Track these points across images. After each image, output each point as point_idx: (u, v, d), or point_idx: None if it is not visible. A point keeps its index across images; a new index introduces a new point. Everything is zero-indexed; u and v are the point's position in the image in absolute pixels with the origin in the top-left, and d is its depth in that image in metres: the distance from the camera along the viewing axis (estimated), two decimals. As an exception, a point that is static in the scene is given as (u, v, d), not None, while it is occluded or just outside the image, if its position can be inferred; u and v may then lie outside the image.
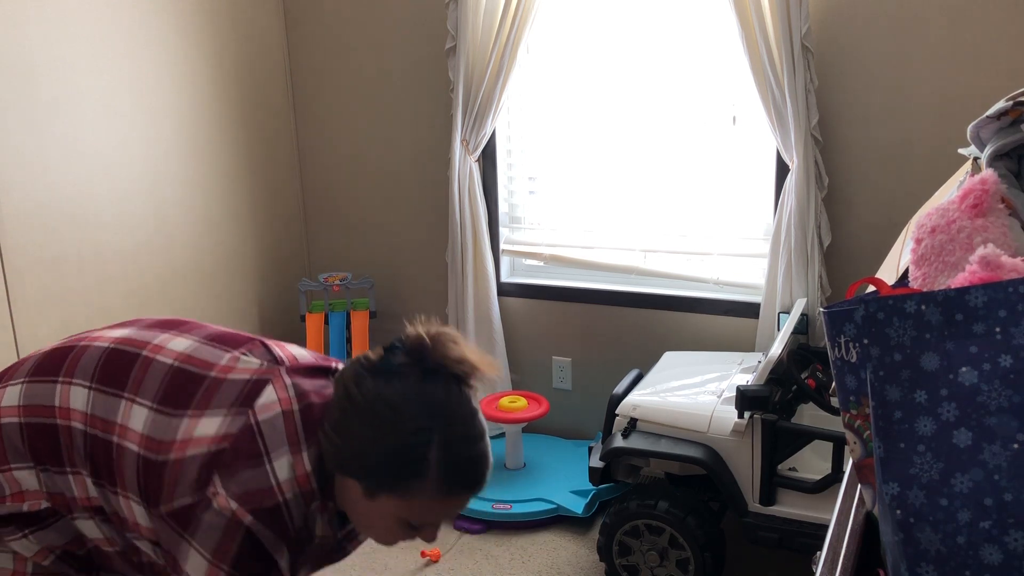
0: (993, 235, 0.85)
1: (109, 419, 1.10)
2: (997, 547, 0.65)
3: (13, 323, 2.35)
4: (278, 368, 1.14)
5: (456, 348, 1.08)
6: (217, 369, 1.13)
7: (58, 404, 1.12)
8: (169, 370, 1.13)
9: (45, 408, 1.12)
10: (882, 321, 0.72)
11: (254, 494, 1.04)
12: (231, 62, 3.11)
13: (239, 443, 1.05)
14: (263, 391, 1.09)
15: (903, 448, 0.70)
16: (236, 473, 1.04)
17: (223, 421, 1.07)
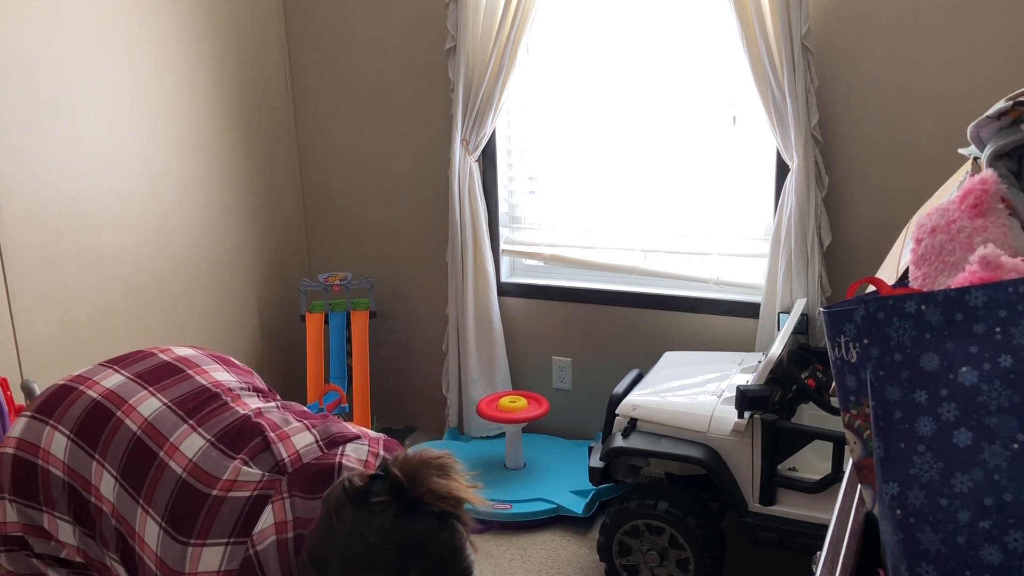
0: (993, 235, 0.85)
1: (130, 523, 1.16)
2: (997, 547, 0.65)
3: (13, 323, 2.35)
4: (279, 481, 1.15)
5: (440, 483, 1.01)
6: (219, 486, 1.15)
7: (93, 483, 1.19)
8: (178, 482, 1.16)
9: (84, 480, 1.19)
10: (882, 321, 0.72)
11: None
12: (231, 62, 3.11)
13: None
14: (262, 513, 1.12)
15: (903, 448, 0.70)
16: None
17: (223, 553, 1.10)
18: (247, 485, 1.15)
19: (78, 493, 1.19)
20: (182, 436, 1.22)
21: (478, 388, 3.21)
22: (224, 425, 1.24)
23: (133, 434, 1.21)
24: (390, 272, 3.43)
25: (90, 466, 1.19)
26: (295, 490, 1.14)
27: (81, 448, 1.20)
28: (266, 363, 3.35)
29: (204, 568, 1.10)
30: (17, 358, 2.37)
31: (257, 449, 1.19)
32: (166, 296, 2.88)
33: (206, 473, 1.17)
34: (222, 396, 1.28)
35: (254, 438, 1.21)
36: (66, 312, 2.52)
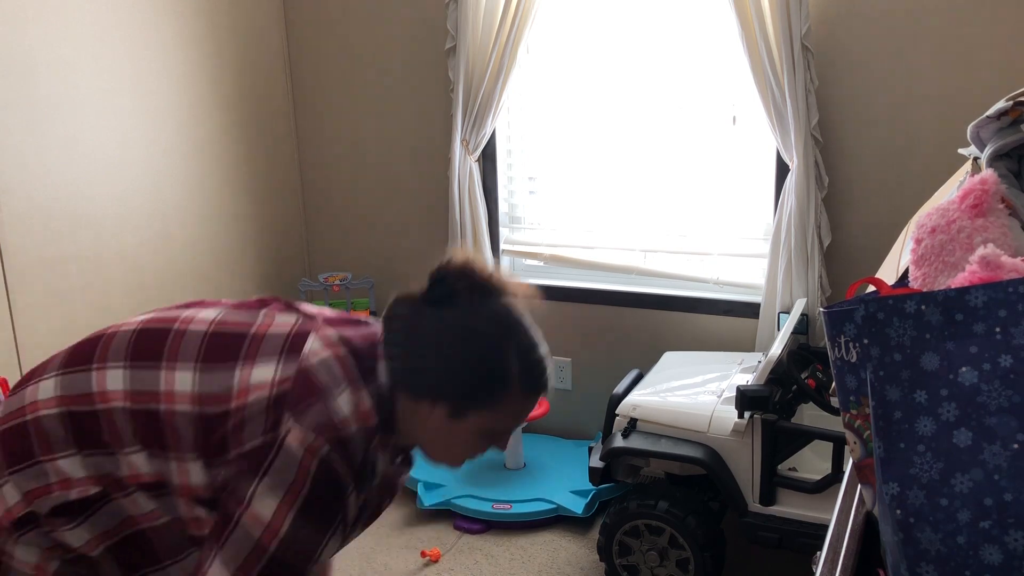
0: (993, 235, 0.85)
1: (151, 390, 1.12)
2: (997, 547, 0.65)
3: (13, 323, 2.35)
4: (313, 321, 1.17)
5: (492, 268, 1.17)
6: (255, 327, 1.16)
7: (96, 390, 1.13)
8: (204, 335, 1.15)
9: (83, 396, 1.13)
10: (882, 321, 0.72)
11: (324, 427, 1.05)
12: (231, 62, 3.11)
13: (299, 384, 1.08)
14: (306, 341, 1.12)
15: (903, 448, 0.70)
16: (304, 410, 1.06)
17: (277, 366, 1.10)
18: (284, 324, 1.16)
19: (77, 414, 1.13)
20: (194, 312, 1.20)
21: (478, 388, 3.20)
22: (238, 301, 1.24)
23: (132, 331, 1.18)
24: (390, 272, 3.43)
25: (89, 378, 1.14)
26: (329, 324, 1.17)
27: (74, 372, 1.16)
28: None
29: (257, 379, 1.08)
30: (17, 358, 2.37)
31: (281, 307, 1.21)
32: (166, 296, 2.88)
33: (237, 322, 1.17)
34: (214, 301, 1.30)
35: (275, 301, 1.23)
36: (66, 312, 2.51)
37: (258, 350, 1.12)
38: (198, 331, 1.16)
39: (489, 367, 1.13)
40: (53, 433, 1.13)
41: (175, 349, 1.14)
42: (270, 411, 1.06)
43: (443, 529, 2.74)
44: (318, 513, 1.06)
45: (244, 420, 1.07)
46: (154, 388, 1.12)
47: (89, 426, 1.13)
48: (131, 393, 1.12)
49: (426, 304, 1.15)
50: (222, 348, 1.13)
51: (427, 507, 2.78)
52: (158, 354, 1.14)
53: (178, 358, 1.13)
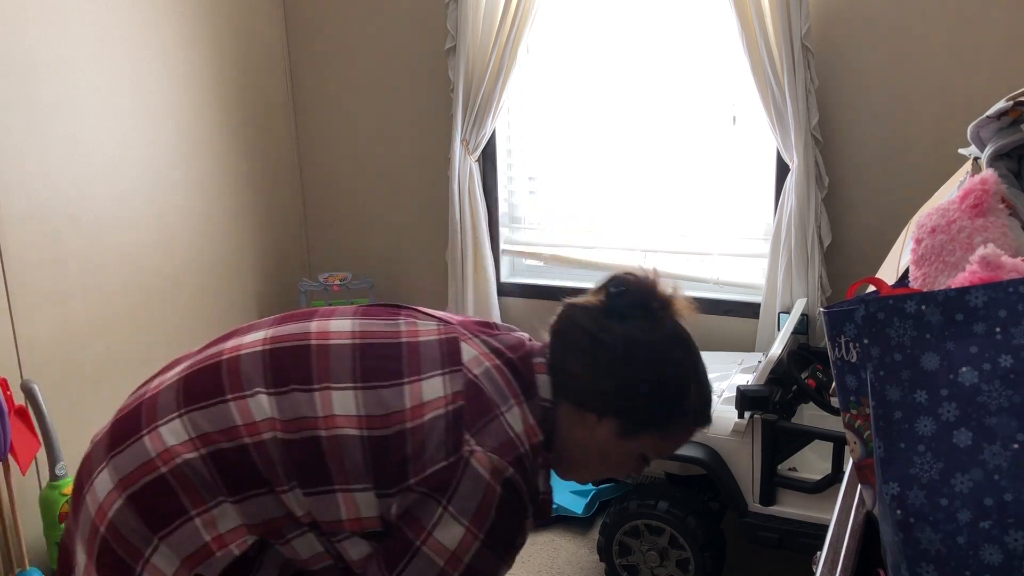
0: (993, 235, 0.85)
1: (307, 416, 1.02)
2: (997, 547, 0.65)
3: (13, 323, 2.35)
4: (454, 327, 1.12)
5: (670, 287, 1.15)
6: (404, 336, 1.09)
7: (240, 422, 1.02)
8: (353, 349, 1.06)
9: (226, 431, 1.02)
10: (882, 321, 0.72)
11: (504, 447, 1.01)
12: (231, 62, 3.11)
13: (472, 399, 1.03)
14: (461, 350, 1.07)
15: (903, 448, 0.70)
16: (482, 428, 1.01)
17: (444, 380, 1.04)
18: (430, 332, 1.10)
19: (222, 453, 1.01)
20: (320, 324, 1.11)
21: (478, 388, 3.20)
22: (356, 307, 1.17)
23: (260, 353, 1.07)
24: (390, 272, 3.43)
25: (229, 411, 1.02)
26: (471, 330, 1.13)
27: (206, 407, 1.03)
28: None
29: (429, 396, 1.02)
30: (17, 358, 2.37)
31: (412, 312, 1.15)
32: (166, 296, 2.88)
33: (381, 331, 1.09)
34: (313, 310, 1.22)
35: (401, 307, 1.17)
36: (66, 312, 2.51)
37: (419, 362, 1.05)
38: (343, 344, 1.07)
39: (674, 391, 1.11)
40: (199, 480, 1.00)
41: (324, 368, 1.05)
42: (449, 431, 1.00)
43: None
44: (502, 539, 1.02)
45: (424, 441, 1.00)
46: (310, 413, 1.02)
47: (239, 465, 1.01)
48: (282, 422, 1.02)
49: (607, 316, 1.11)
50: (380, 362, 1.05)
51: (427, 507, 2.77)
52: (306, 375, 1.04)
53: (331, 377, 1.04)
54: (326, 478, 1.01)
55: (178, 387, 1.08)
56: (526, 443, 1.04)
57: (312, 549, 1.05)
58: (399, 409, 1.02)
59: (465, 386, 1.03)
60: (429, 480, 0.99)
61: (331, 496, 1.01)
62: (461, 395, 1.03)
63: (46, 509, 2.32)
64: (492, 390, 1.05)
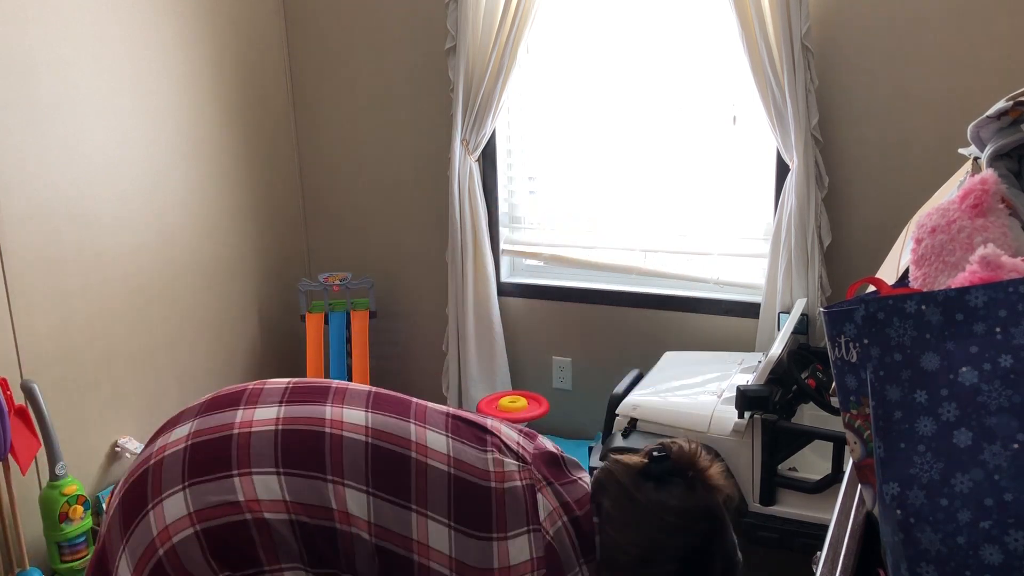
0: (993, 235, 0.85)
1: (403, 534, 1.05)
2: (997, 547, 0.65)
3: (13, 323, 2.35)
4: (531, 470, 1.17)
5: (712, 462, 1.20)
6: (494, 479, 1.13)
7: (335, 507, 1.04)
8: (448, 479, 1.10)
9: (320, 509, 1.04)
10: (882, 321, 0.72)
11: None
12: (231, 62, 3.11)
13: (552, 566, 1.09)
14: (538, 502, 1.13)
15: (903, 448, 0.70)
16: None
17: (528, 541, 1.10)
18: (513, 475, 1.14)
19: (313, 528, 1.03)
20: (421, 434, 1.14)
21: (478, 388, 3.21)
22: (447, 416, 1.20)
23: (364, 444, 1.09)
24: (390, 272, 3.43)
25: (326, 490, 1.04)
26: (545, 475, 1.17)
27: (304, 477, 1.05)
28: (266, 363, 3.35)
29: (517, 559, 1.07)
30: (17, 358, 2.37)
31: (494, 441, 1.18)
32: (166, 296, 2.88)
33: (472, 466, 1.13)
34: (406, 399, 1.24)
35: (485, 431, 1.20)
36: (66, 312, 2.51)
37: (505, 516, 1.10)
38: (440, 470, 1.10)
39: (697, 559, 1.14)
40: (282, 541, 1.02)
41: (422, 489, 1.08)
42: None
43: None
44: None
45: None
46: (407, 533, 1.05)
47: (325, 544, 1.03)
48: (377, 528, 1.04)
49: (644, 478, 1.17)
50: (471, 505, 1.09)
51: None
52: (405, 491, 1.07)
53: (428, 505, 1.07)
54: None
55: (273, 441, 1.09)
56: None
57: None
58: (488, 566, 1.07)
59: (546, 551, 1.09)
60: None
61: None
62: (544, 561, 1.09)
63: (46, 509, 2.32)
64: (564, 555, 1.11)
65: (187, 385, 2.94)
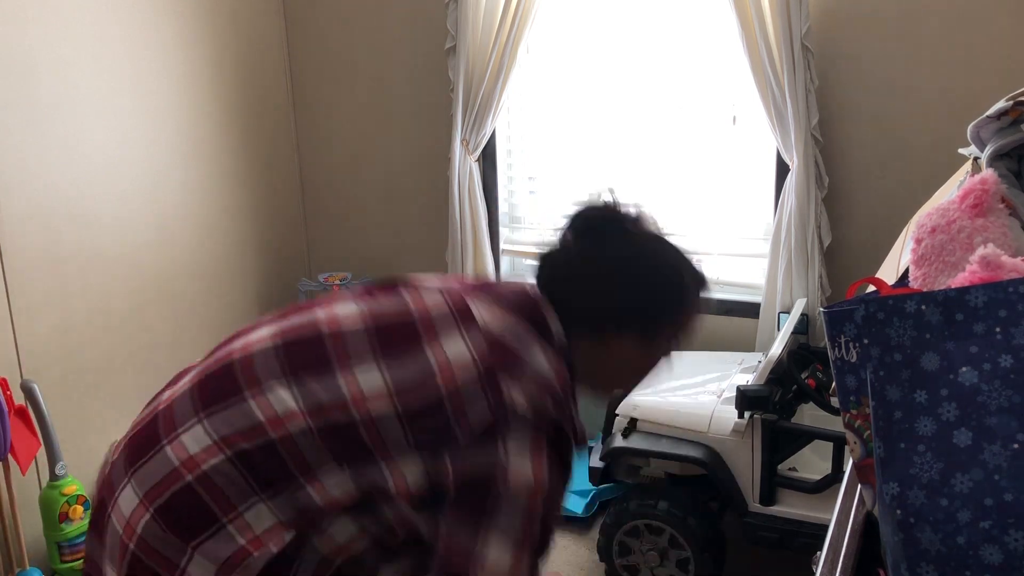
0: (993, 235, 0.85)
1: (336, 400, 1.00)
2: (997, 547, 0.65)
3: (13, 323, 2.35)
4: (457, 291, 1.12)
5: (631, 206, 1.27)
6: (412, 305, 1.08)
7: (263, 419, 1.00)
8: (366, 329, 1.06)
9: (249, 431, 1.00)
10: (882, 321, 0.72)
11: (541, 390, 1.02)
12: (231, 62, 3.11)
13: (499, 352, 1.03)
14: (471, 309, 1.07)
15: (903, 448, 0.70)
16: (518, 377, 1.02)
17: (465, 339, 1.04)
18: (435, 296, 1.10)
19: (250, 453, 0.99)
20: (327, 312, 1.10)
21: (478, 388, 3.20)
22: (349, 296, 1.15)
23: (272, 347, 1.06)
24: (390, 272, 3.43)
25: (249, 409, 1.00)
26: (473, 288, 1.14)
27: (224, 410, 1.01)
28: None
29: (455, 356, 1.02)
30: (17, 358, 2.37)
31: (399, 290, 1.15)
32: (166, 296, 2.88)
33: (390, 308, 1.08)
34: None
35: (385, 288, 1.15)
36: (66, 312, 2.51)
37: (434, 327, 1.04)
38: (355, 328, 1.06)
39: (674, 284, 1.21)
40: (227, 485, 0.98)
41: (342, 351, 1.03)
42: (487, 387, 1.00)
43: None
44: (559, 476, 1.04)
45: (464, 403, 1.00)
46: (337, 398, 1.00)
47: (268, 462, 0.99)
48: (308, 412, 1.00)
49: (583, 243, 1.20)
50: (396, 334, 1.04)
51: (427, 507, 2.77)
52: (325, 362, 1.03)
53: (351, 360, 1.02)
54: (367, 457, 1.00)
55: (192, 393, 1.06)
56: (556, 382, 1.05)
57: (350, 529, 1.02)
58: (429, 375, 1.01)
59: (489, 342, 1.03)
60: (483, 436, 0.99)
61: (376, 470, 1.00)
62: (486, 350, 1.03)
63: (46, 509, 2.32)
64: (515, 340, 1.05)
65: (187, 385, 2.94)
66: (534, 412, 1.01)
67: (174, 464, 1.00)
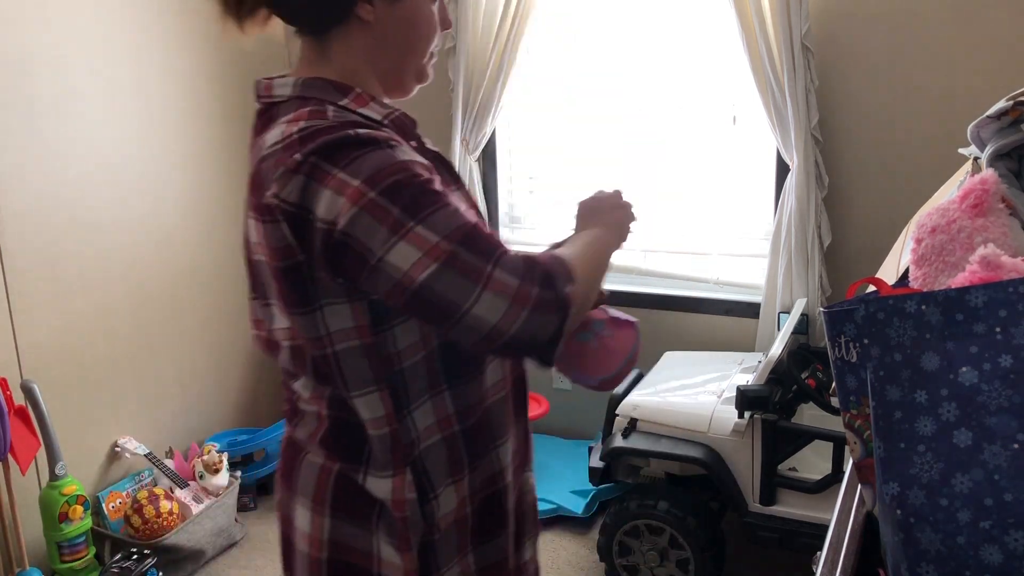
0: (993, 235, 0.85)
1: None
2: (997, 547, 0.65)
3: (13, 323, 2.35)
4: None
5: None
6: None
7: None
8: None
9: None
10: (882, 321, 0.72)
11: (303, 120, 0.96)
12: (232, 62, 3.11)
13: (258, 131, 1.04)
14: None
15: (903, 448, 0.70)
16: (289, 159, 0.92)
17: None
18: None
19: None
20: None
21: (478, 388, 3.21)
22: None
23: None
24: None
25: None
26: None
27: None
28: (266, 363, 3.35)
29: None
30: (17, 358, 2.37)
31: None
32: (166, 296, 2.88)
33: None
34: None
35: None
36: (66, 312, 2.51)
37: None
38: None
39: None
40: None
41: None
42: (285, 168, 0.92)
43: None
44: (389, 175, 0.89)
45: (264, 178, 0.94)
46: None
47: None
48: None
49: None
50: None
51: (427, 507, 2.77)
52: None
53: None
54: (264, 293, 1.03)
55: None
56: (329, 115, 0.97)
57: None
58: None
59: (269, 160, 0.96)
60: (287, 201, 0.90)
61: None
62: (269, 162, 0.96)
63: (46, 509, 2.32)
64: (277, 136, 0.98)
65: (187, 385, 2.94)
66: (309, 140, 0.92)
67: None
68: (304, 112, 0.99)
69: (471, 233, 0.89)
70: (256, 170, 0.98)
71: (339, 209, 0.88)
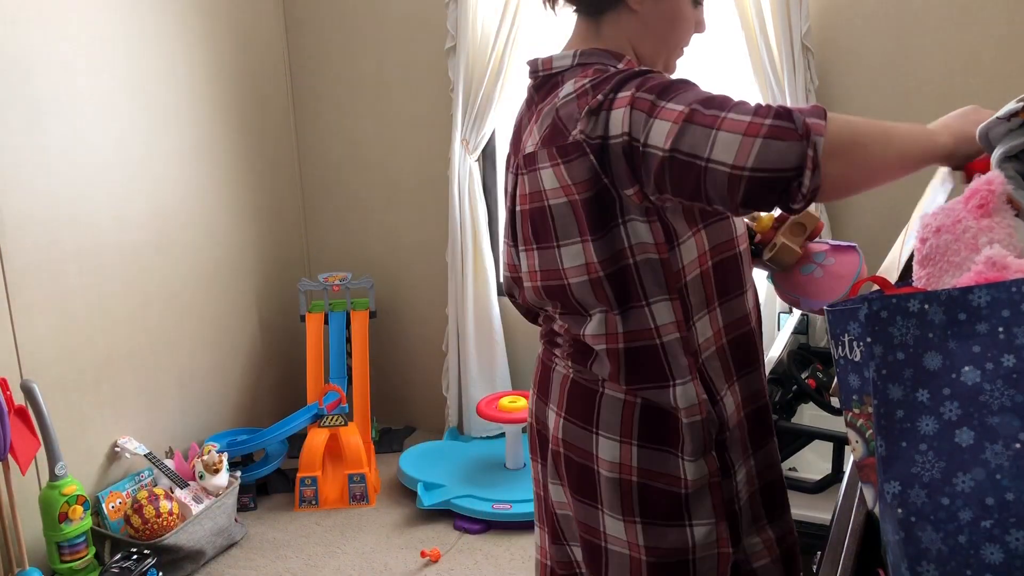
0: (999, 236, 0.85)
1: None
2: (999, 546, 0.65)
3: (13, 323, 2.35)
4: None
5: None
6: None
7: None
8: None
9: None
10: (885, 320, 0.72)
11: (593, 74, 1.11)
12: (231, 62, 3.11)
13: (577, 99, 1.13)
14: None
15: (905, 447, 0.70)
16: (583, 86, 1.10)
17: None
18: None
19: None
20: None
21: (478, 388, 3.21)
22: None
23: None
24: (390, 272, 3.43)
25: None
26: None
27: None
28: (266, 363, 3.35)
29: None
30: (17, 358, 2.37)
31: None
32: (166, 296, 2.88)
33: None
34: None
35: None
36: (66, 312, 2.51)
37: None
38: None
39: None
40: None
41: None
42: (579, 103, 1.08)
43: (443, 529, 2.74)
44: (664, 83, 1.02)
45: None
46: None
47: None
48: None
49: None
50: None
51: (427, 507, 2.78)
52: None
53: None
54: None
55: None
56: (598, 67, 1.13)
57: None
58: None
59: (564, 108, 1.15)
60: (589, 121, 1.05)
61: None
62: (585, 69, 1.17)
63: (46, 509, 2.32)
64: (572, 87, 1.14)
65: (187, 385, 2.94)
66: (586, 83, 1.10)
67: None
68: (590, 71, 1.13)
69: (713, 96, 0.97)
70: (552, 121, 1.14)
71: (621, 117, 1.01)
